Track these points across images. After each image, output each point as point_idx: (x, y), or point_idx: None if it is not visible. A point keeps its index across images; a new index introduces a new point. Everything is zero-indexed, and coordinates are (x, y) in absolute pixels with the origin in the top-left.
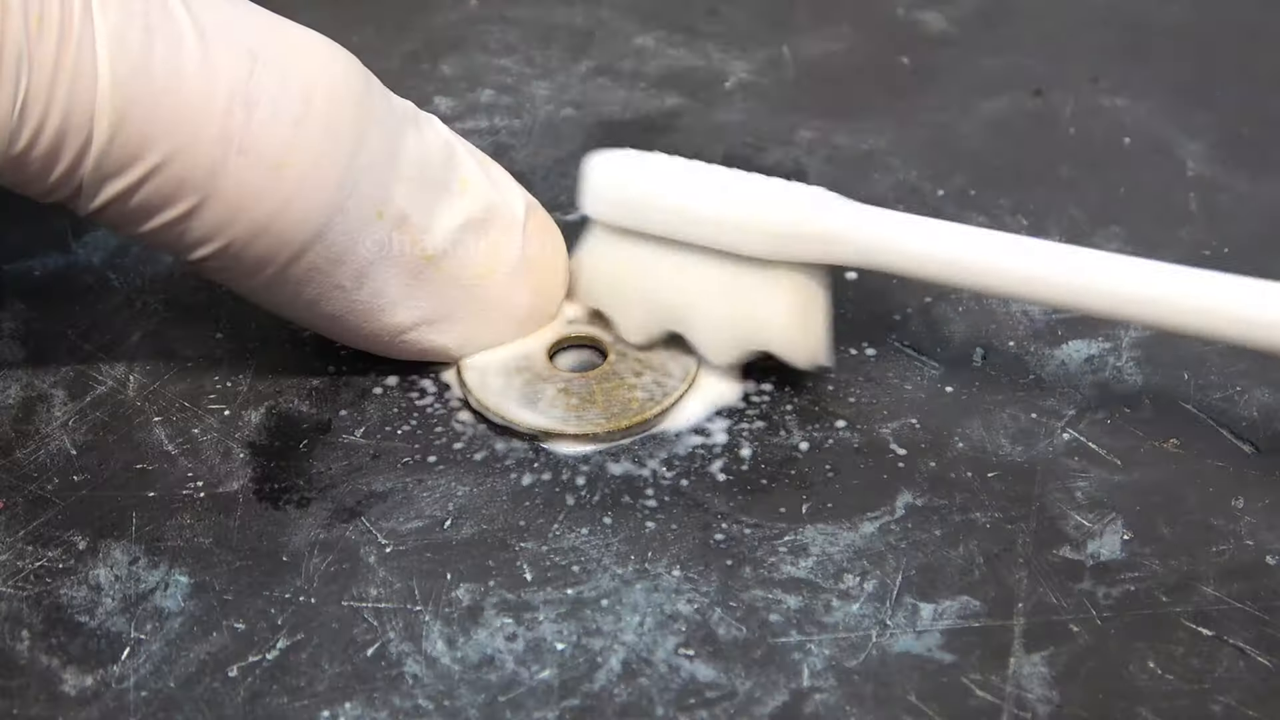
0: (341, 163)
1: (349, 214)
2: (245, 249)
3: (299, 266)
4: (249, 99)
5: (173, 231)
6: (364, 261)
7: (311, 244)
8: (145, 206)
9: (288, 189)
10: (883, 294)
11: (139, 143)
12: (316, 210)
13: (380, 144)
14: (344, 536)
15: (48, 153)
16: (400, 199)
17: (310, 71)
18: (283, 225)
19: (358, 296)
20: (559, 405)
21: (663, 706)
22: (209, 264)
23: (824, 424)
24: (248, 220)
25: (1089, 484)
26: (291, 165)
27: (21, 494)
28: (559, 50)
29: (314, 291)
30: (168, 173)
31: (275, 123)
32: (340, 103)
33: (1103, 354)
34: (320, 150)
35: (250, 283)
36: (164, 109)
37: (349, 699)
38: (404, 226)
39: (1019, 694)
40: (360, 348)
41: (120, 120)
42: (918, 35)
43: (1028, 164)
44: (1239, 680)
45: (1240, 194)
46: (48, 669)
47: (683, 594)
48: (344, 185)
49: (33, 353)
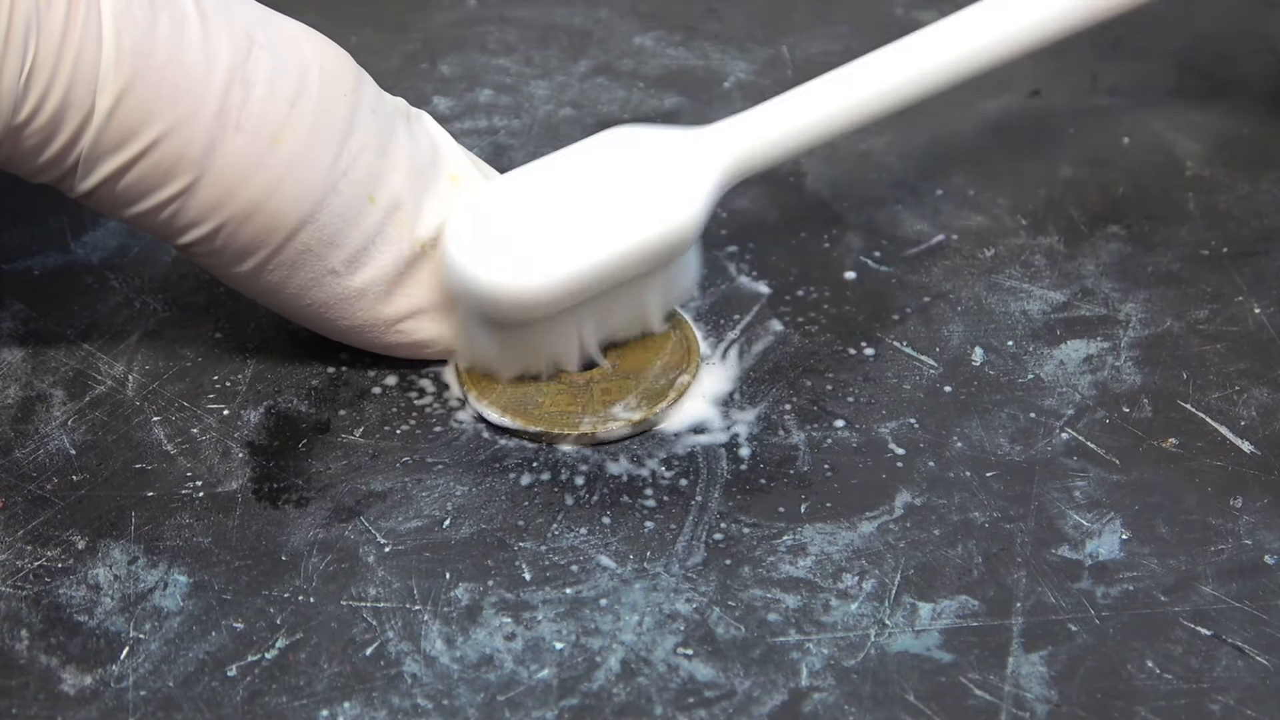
0: (334, 143)
1: (342, 195)
2: (238, 229)
3: (292, 248)
4: (247, 78)
5: (165, 212)
6: (357, 246)
7: (304, 224)
8: (139, 185)
9: (281, 165)
10: (882, 294)
11: (139, 117)
12: (309, 189)
13: (372, 131)
14: (343, 536)
15: (48, 124)
16: (392, 186)
17: (305, 57)
18: (276, 203)
19: (350, 283)
20: (558, 405)
21: (661, 706)
22: (200, 248)
23: (823, 423)
24: (242, 199)
25: (1087, 484)
26: (285, 142)
27: (20, 493)
28: (558, 50)
29: (306, 276)
30: (164, 149)
31: (271, 101)
32: (333, 87)
33: (1101, 353)
34: (314, 129)
35: (242, 268)
36: (165, 84)
37: (348, 698)
38: (396, 213)
39: (1017, 693)
40: (352, 342)
41: (122, 93)
42: None
43: (1027, 164)
44: (1238, 680)
45: (1240, 194)
46: (47, 668)
47: (681, 593)
48: (336, 165)
49: (32, 352)
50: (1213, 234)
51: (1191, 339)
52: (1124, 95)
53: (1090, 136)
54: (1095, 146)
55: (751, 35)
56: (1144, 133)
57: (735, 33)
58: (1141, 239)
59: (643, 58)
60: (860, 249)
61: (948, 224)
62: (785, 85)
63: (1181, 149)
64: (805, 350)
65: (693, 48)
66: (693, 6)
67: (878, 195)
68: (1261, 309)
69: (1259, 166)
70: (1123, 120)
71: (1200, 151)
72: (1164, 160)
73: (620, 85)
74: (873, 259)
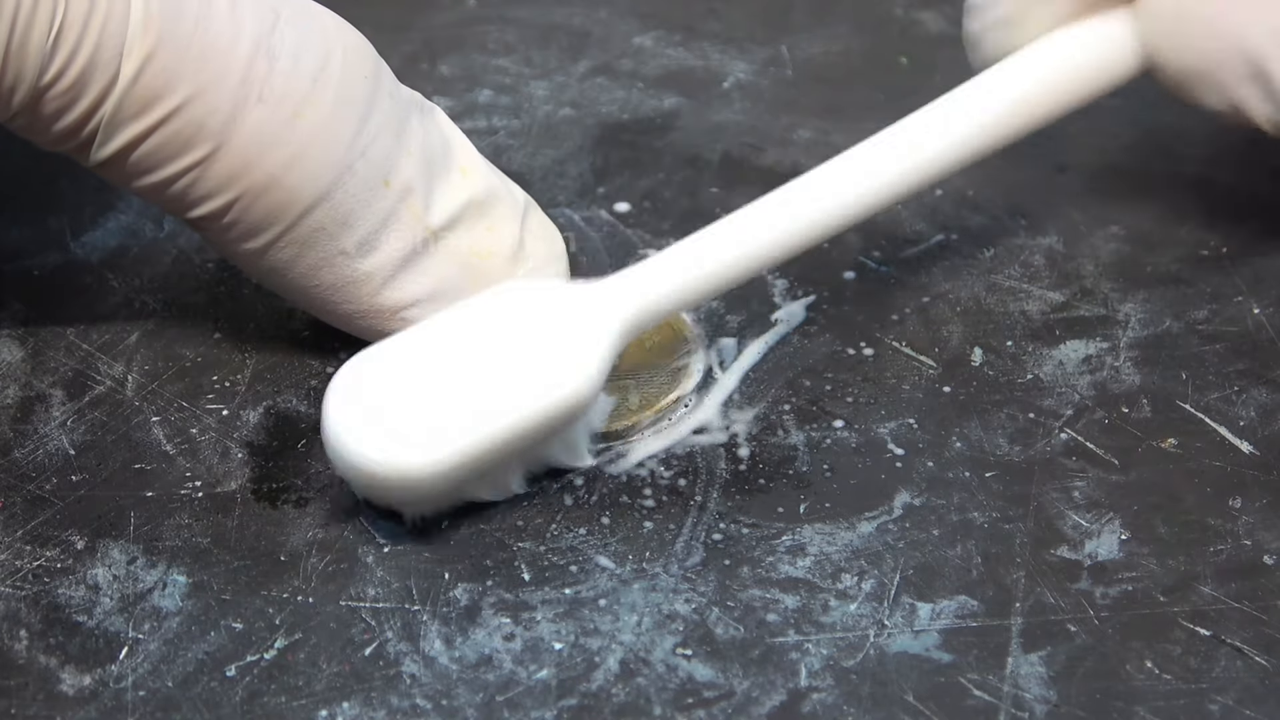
0: (354, 122)
1: (358, 175)
2: (254, 203)
3: (305, 226)
4: (272, 50)
5: (181, 182)
6: (369, 229)
7: (320, 201)
8: (158, 153)
9: (301, 140)
10: (880, 294)
11: (163, 82)
12: (327, 166)
13: (389, 115)
14: (342, 536)
15: (73, 86)
16: (406, 171)
17: (328, 36)
18: (294, 179)
19: (360, 265)
20: None
21: (660, 706)
22: (213, 222)
23: (822, 424)
24: (260, 172)
25: (1086, 484)
26: (306, 117)
27: (20, 493)
28: (557, 50)
29: (317, 256)
30: (186, 116)
31: (295, 75)
32: (355, 68)
33: (1100, 354)
34: (335, 107)
35: (253, 244)
36: (191, 50)
37: (347, 698)
38: (409, 199)
39: (1016, 694)
40: (353, 329)
41: (148, 58)
42: (917, 35)
43: (1026, 164)
44: (1237, 680)
45: (1240, 194)
46: (46, 668)
47: (680, 594)
48: (355, 145)
49: (31, 352)
50: (1212, 234)
51: (1191, 339)
52: (1123, 95)
53: (1090, 136)
54: (1095, 146)
55: (751, 35)
56: (1143, 132)
57: (735, 33)
58: (1141, 239)
59: (642, 58)
60: (859, 249)
61: (947, 224)
62: (785, 85)
63: (1181, 149)
64: (804, 350)
65: (692, 48)
66: (693, 6)
67: None
68: (1261, 309)
69: (1258, 167)
70: (1122, 120)
71: (1200, 151)
72: (1164, 160)
73: (620, 85)
74: (872, 259)
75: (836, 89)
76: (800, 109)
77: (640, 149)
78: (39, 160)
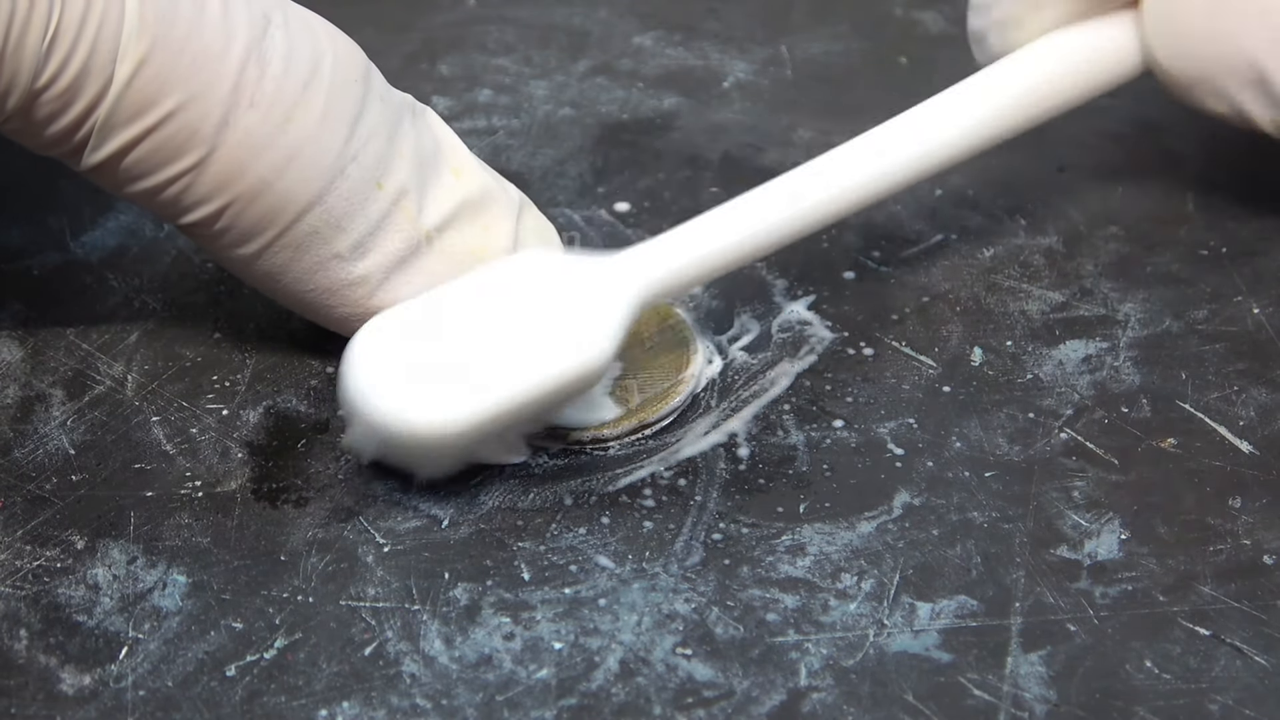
0: (346, 126)
1: (350, 179)
2: (246, 208)
3: (299, 230)
4: (264, 56)
5: (173, 188)
6: (363, 232)
7: (313, 205)
8: (150, 159)
9: (293, 145)
10: (880, 293)
11: (156, 88)
12: (319, 170)
13: (381, 119)
14: (342, 536)
15: (67, 90)
16: (399, 174)
17: (319, 42)
18: (286, 183)
19: (354, 269)
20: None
21: (660, 706)
22: (204, 228)
23: (821, 423)
24: (251, 177)
25: (1086, 484)
26: (298, 122)
27: (20, 493)
28: (557, 50)
29: (311, 260)
30: (178, 122)
31: (286, 80)
32: (346, 73)
33: (1100, 353)
34: (326, 112)
35: (246, 249)
36: (184, 56)
37: (347, 698)
38: (402, 201)
39: (1016, 693)
40: (347, 332)
41: (141, 62)
42: (916, 35)
43: (1026, 164)
44: (1236, 680)
45: (1240, 194)
46: (46, 668)
47: (680, 593)
48: (347, 149)
49: (31, 352)
50: (1212, 234)
51: (1190, 339)
52: (1123, 95)
53: (1090, 136)
54: (1095, 146)
55: (751, 35)
56: (1144, 132)
57: (735, 33)
58: (1141, 239)
59: (642, 57)
60: (859, 248)
61: (946, 224)
62: (785, 85)
63: (1181, 149)
64: (804, 350)
65: (692, 48)
66: (692, 6)
67: None
68: (1260, 309)
69: (1259, 166)
70: (1122, 119)
71: (1200, 151)
72: (1164, 160)
73: (620, 85)
74: (871, 259)
75: (836, 89)
76: (800, 109)
77: (640, 149)
78: (38, 160)
